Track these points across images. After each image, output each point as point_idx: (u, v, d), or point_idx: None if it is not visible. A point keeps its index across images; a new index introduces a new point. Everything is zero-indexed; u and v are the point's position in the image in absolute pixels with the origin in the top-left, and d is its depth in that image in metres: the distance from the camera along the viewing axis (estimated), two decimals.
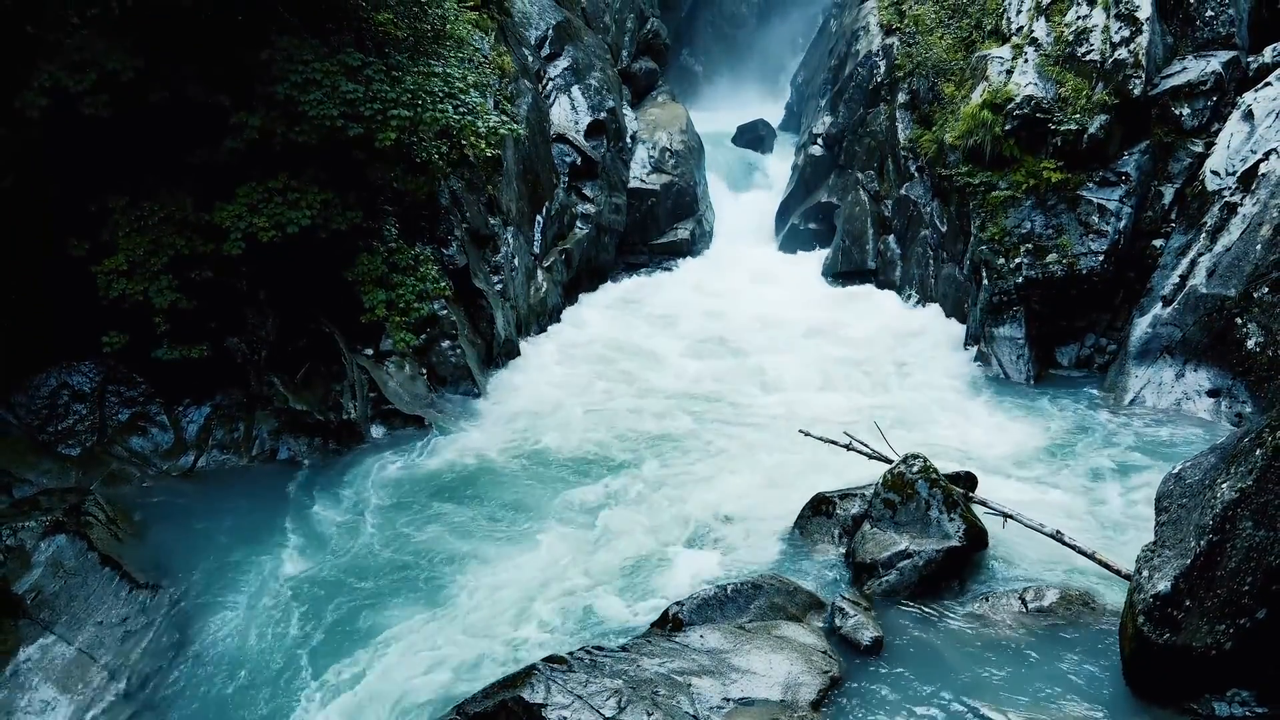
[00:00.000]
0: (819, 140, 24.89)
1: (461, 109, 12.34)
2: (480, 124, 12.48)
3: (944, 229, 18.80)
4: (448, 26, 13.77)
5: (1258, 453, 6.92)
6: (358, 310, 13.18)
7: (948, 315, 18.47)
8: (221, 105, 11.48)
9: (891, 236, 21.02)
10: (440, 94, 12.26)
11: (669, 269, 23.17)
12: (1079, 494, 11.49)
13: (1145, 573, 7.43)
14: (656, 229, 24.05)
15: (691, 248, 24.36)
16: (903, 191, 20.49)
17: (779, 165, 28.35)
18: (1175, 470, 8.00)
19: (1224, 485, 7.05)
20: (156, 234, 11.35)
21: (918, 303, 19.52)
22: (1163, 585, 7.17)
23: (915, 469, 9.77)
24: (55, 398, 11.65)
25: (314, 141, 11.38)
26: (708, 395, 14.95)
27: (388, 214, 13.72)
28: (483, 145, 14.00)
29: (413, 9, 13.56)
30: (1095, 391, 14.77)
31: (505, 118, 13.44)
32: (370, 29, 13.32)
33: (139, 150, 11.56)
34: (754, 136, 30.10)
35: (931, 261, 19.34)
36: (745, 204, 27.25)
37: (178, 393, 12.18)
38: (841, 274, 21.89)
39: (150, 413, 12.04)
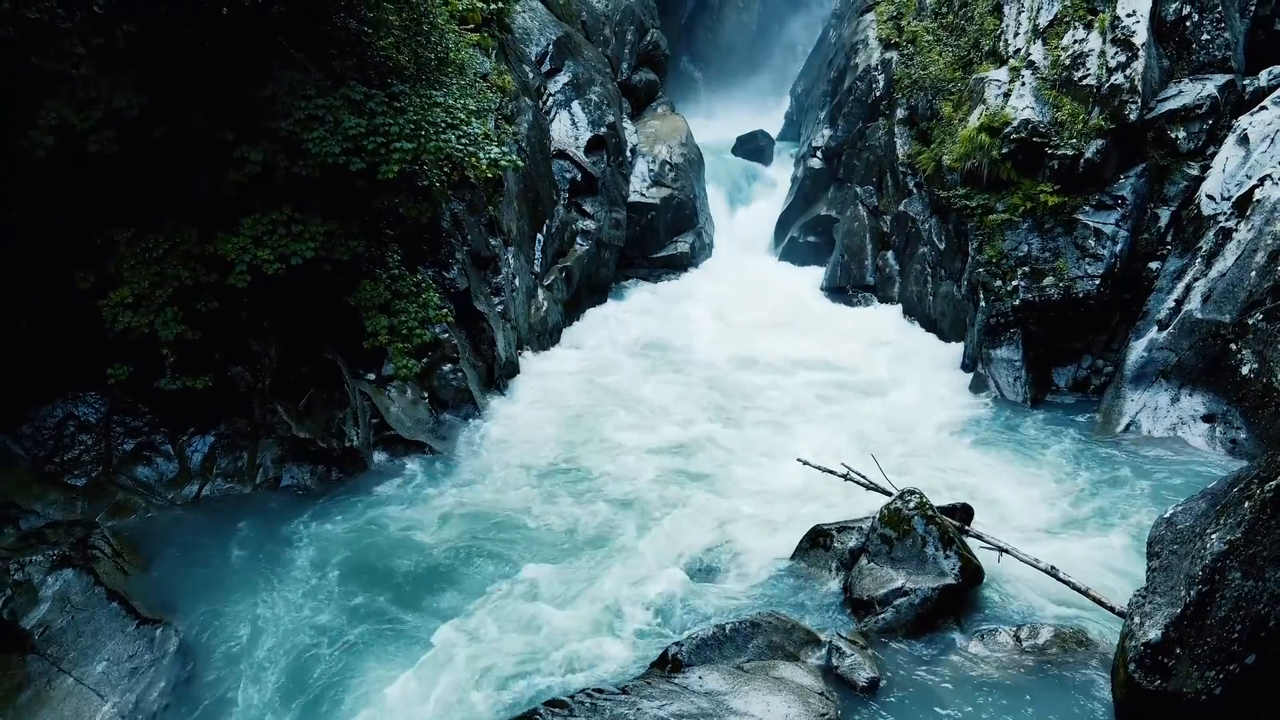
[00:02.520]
0: (818, 153, 25.02)
1: (464, 139, 12.44)
2: (483, 155, 12.57)
3: (942, 247, 18.92)
4: (450, 54, 13.87)
5: (1246, 505, 7.03)
6: (360, 335, 13.30)
7: (946, 334, 18.60)
8: (226, 139, 11.59)
9: (890, 252, 21.14)
10: (443, 124, 12.36)
11: (669, 283, 23.28)
12: (1074, 523, 11.61)
13: (1137, 619, 7.55)
14: (656, 242, 24.18)
15: (692, 260, 24.50)
16: (901, 208, 20.60)
17: (778, 176, 28.50)
18: (1167, 515, 8.11)
19: (1214, 536, 7.17)
20: (161, 266, 11.46)
21: (916, 320, 19.64)
22: (1154, 633, 7.28)
23: (911, 505, 9.89)
24: (61, 428, 11.77)
25: (317, 175, 11.49)
26: (704, 425, 14.93)
27: (390, 240, 13.82)
28: (484, 168, 14.11)
29: (416, 36, 13.68)
30: (1091, 415, 14.89)
31: (506, 149, 13.52)
32: (373, 56, 13.42)
33: (144, 183, 11.67)
34: (754, 147, 30.23)
35: (930, 279, 19.46)
36: (745, 215, 27.43)
37: (182, 422, 12.30)
38: (840, 288, 22.02)
39: (155, 442, 12.15)
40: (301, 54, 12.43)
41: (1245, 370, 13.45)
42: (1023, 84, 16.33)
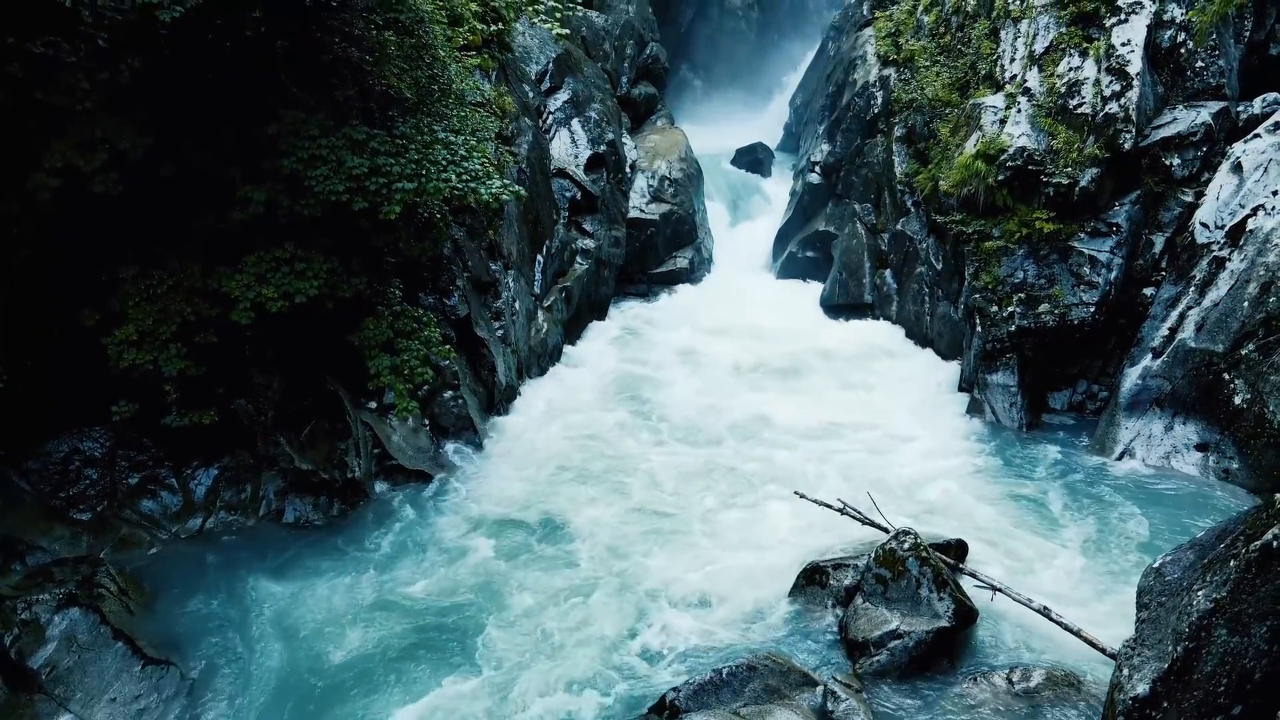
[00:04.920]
0: (816, 168, 25.09)
1: (465, 176, 12.54)
2: (484, 190, 12.68)
3: (939, 267, 19.03)
4: (451, 84, 14.00)
5: (1231, 564, 7.17)
6: (361, 362, 13.39)
7: (943, 354, 18.70)
8: (230, 178, 11.72)
9: (888, 271, 21.24)
10: (444, 161, 12.47)
11: (668, 299, 23.31)
12: (1068, 557, 11.74)
13: (1126, 671, 7.69)
14: (656, 258, 24.25)
15: (691, 275, 24.56)
16: (899, 226, 20.70)
17: (778, 189, 28.56)
18: (1155, 564, 8.25)
19: (1200, 594, 7.31)
20: (165, 302, 11.60)
21: (914, 340, 19.73)
22: (1142, 688, 7.43)
23: (906, 546, 10.03)
24: (67, 463, 11.90)
25: (319, 214, 11.61)
26: (699, 460, 14.89)
27: (391, 270, 13.93)
28: (486, 200, 14.21)
29: (417, 66, 13.80)
30: (1086, 442, 15.03)
31: (507, 181, 13.63)
32: (374, 85, 13.52)
33: (148, 220, 11.79)
34: (753, 159, 30.32)
35: (927, 299, 19.56)
36: (744, 229, 27.47)
37: (186, 455, 12.43)
38: (838, 306, 22.12)
39: (160, 476, 12.29)
40: (304, 92, 12.55)
41: (1238, 400, 13.57)
42: (1019, 111, 16.46)
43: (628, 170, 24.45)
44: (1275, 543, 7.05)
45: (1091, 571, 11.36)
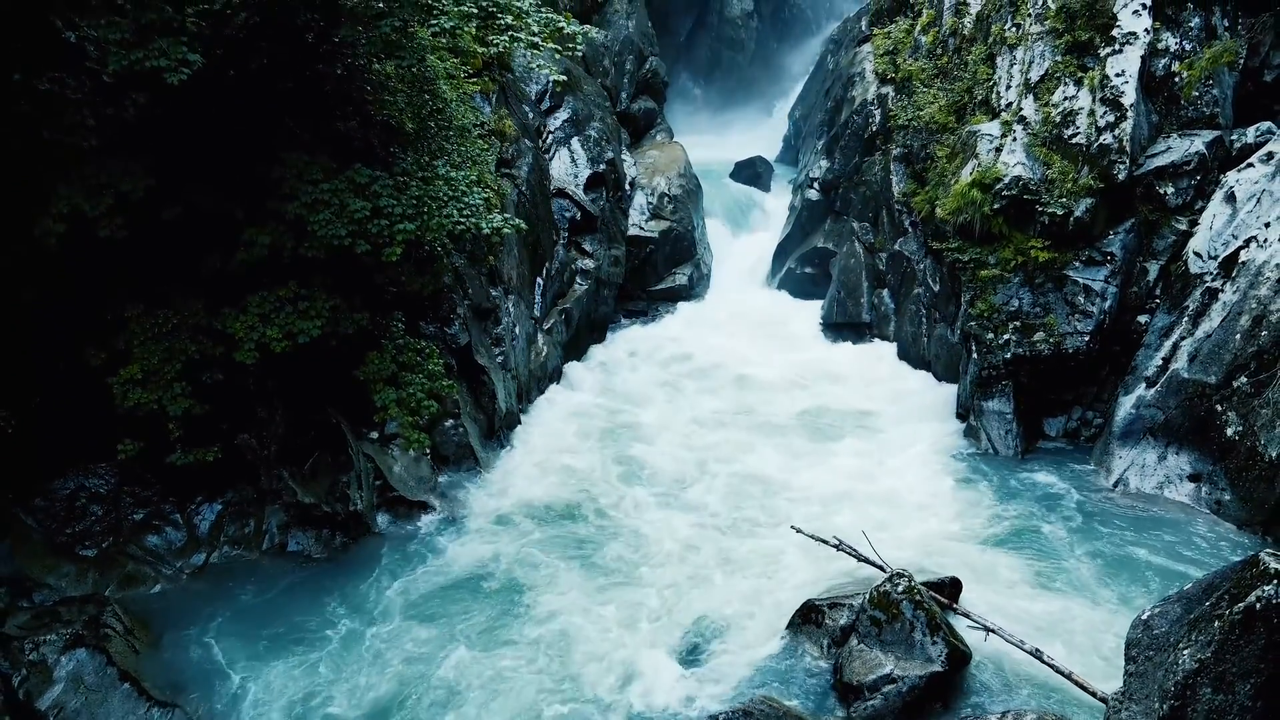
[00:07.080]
0: (815, 185, 25.18)
1: (466, 211, 12.72)
2: (484, 224, 12.85)
3: (937, 289, 19.17)
4: (452, 120, 14.15)
5: (1216, 625, 7.33)
6: (363, 392, 13.53)
7: (940, 376, 18.83)
8: (234, 216, 11.88)
9: (886, 291, 21.37)
10: (445, 197, 12.64)
11: (667, 318, 23.43)
12: (1062, 594, 11.88)
13: None
14: (655, 276, 24.35)
15: (690, 291, 24.69)
16: (897, 246, 20.83)
17: (777, 203, 28.57)
18: (1144, 617, 8.38)
19: (1185, 653, 7.47)
20: (170, 341, 11.76)
21: (911, 361, 19.86)
22: None
23: (900, 589, 10.17)
24: (73, 500, 12.06)
25: (322, 256, 11.76)
26: (695, 491, 14.98)
27: (393, 302, 14.08)
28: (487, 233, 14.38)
29: (420, 93, 13.95)
30: (1081, 470, 15.17)
31: (507, 214, 13.78)
32: (375, 115, 13.65)
33: (153, 261, 11.94)
34: (752, 173, 30.36)
35: (925, 320, 19.70)
36: (743, 243, 27.49)
37: (190, 490, 12.58)
38: (836, 325, 22.23)
39: (164, 511, 12.44)
40: (307, 132, 12.68)
41: (1230, 432, 13.73)
42: (1014, 139, 16.58)
43: (627, 188, 24.55)
44: (1259, 605, 7.23)
45: (1084, 610, 11.49)
